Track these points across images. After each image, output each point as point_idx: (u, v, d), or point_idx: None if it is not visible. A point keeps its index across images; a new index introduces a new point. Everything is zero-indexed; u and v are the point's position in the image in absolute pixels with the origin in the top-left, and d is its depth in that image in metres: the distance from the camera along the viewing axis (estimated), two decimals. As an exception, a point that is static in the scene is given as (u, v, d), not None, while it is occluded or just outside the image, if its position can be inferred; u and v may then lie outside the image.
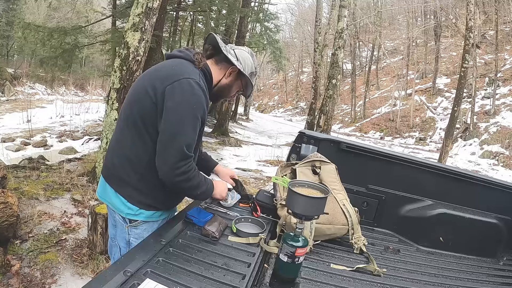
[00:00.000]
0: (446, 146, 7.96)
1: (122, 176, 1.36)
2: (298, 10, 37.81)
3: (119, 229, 1.45)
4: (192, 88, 1.25)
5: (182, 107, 1.24)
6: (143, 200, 1.37)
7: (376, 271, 1.45)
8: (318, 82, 12.12)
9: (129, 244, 1.42)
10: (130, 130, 1.33)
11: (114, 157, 1.40)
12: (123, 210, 1.38)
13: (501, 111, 13.88)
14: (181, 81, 1.25)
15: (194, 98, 1.25)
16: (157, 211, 1.41)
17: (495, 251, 2.07)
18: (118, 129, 1.42)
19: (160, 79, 1.28)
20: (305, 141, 2.18)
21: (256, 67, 1.50)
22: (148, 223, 1.41)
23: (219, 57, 1.43)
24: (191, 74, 1.28)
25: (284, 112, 30.77)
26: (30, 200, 3.41)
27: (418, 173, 2.11)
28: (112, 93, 3.91)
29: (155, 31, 4.70)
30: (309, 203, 1.27)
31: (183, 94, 1.24)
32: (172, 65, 1.34)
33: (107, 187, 1.41)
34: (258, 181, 5.90)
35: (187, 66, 1.33)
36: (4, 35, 17.78)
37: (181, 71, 1.29)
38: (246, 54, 1.47)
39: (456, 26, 17.97)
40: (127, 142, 1.34)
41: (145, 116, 1.29)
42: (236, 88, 1.50)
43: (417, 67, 20.67)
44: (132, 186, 1.35)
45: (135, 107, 1.32)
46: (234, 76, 1.45)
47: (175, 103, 1.24)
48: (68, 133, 9.04)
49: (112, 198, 1.39)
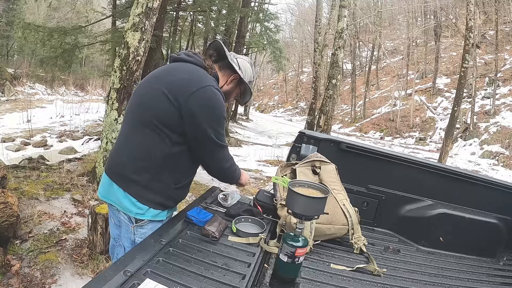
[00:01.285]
0: (446, 146, 7.96)
1: (132, 175, 1.35)
2: (298, 10, 37.85)
3: (124, 229, 1.44)
4: (215, 95, 1.33)
5: (211, 112, 1.33)
6: (153, 198, 1.38)
7: (376, 271, 1.45)
8: (318, 82, 12.13)
9: (134, 244, 1.41)
10: (143, 130, 1.33)
11: (123, 157, 1.39)
12: (132, 210, 1.37)
13: (501, 111, 13.88)
14: (205, 89, 1.31)
15: (218, 103, 1.34)
16: (163, 210, 1.43)
17: (495, 251, 2.07)
18: (127, 129, 1.42)
19: (180, 85, 1.31)
20: (305, 141, 2.18)
21: (254, 76, 1.59)
22: (153, 223, 1.41)
23: (223, 63, 1.49)
24: (210, 82, 1.35)
25: (284, 112, 30.77)
26: (30, 200, 3.41)
27: (418, 173, 2.11)
28: (112, 93, 3.91)
29: (155, 31, 4.69)
30: (309, 203, 1.27)
31: (209, 101, 1.32)
32: (189, 71, 1.36)
33: (113, 187, 1.39)
34: (258, 181, 5.90)
35: (203, 73, 1.39)
36: (4, 35, 17.77)
37: (200, 79, 1.34)
38: (247, 64, 1.54)
39: (456, 26, 17.98)
40: (138, 142, 1.35)
41: (164, 119, 1.31)
42: (234, 94, 1.58)
43: (417, 67, 20.68)
44: (142, 185, 1.35)
45: (151, 109, 1.33)
46: (234, 83, 1.52)
47: (203, 110, 1.31)
48: (68, 133, 9.04)
49: (120, 198, 1.38)
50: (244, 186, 1.69)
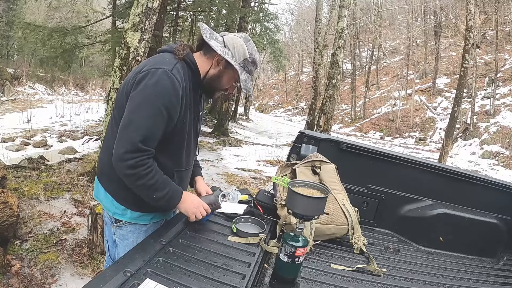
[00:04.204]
0: (446, 146, 7.96)
1: (109, 172, 1.30)
2: (298, 10, 37.82)
3: (108, 228, 1.43)
4: (158, 77, 1.17)
5: (142, 96, 1.17)
6: (129, 198, 1.30)
7: (376, 271, 1.45)
8: (318, 82, 12.12)
9: (115, 245, 1.40)
10: (112, 126, 1.30)
11: (103, 154, 1.36)
12: (110, 209, 1.36)
13: (501, 111, 13.88)
14: (150, 71, 1.19)
15: (157, 88, 1.16)
16: (144, 213, 1.36)
17: (495, 251, 2.07)
18: (107, 128, 1.38)
19: (135, 72, 1.25)
20: (305, 141, 2.18)
21: (252, 53, 1.32)
22: (134, 225, 1.36)
23: (206, 46, 1.30)
24: (163, 64, 1.21)
25: (284, 112, 30.77)
26: (30, 200, 3.41)
27: (418, 173, 2.11)
28: (112, 93, 3.91)
29: (155, 31, 4.69)
30: (309, 203, 1.27)
31: (147, 83, 1.17)
32: (150, 58, 1.30)
33: (99, 186, 1.39)
34: (258, 181, 5.90)
35: (164, 57, 1.27)
36: (4, 35, 17.77)
37: (154, 62, 1.23)
38: (237, 39, 1.31)
39: (456, 26, 17.97)
40: (112, 139, 1.27)
41: (119, 110, 1.26)
42: (228, 79, 1.34)
43: (417, 67, 20.67)
44: (118, 183, 1.28)
45: (115, 106, 1.30)
46: (223, 65, 1.30)
47: (136, 92, 1.19)
48: (68, 133, 9.04)
49: (102, 195, 1.37)
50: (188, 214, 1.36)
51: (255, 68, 1.36)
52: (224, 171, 6.27)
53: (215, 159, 7.18)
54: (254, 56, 1.33)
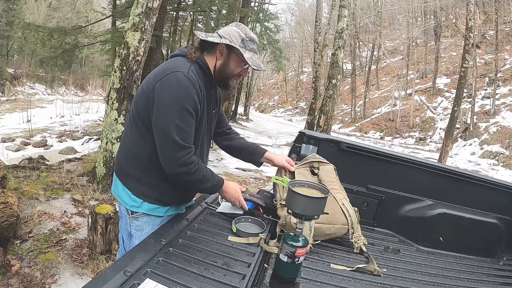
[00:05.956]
0: (446, 146, 7.96)
1: (128, 170, 1.44)
2: (298, 10, 37.85)
3: (123, 221, 1.52)
4: (178, 80, 1.27)
5: (169, 100, 1.27)
6: (147, 192, 1.42)
7: (376, 271, 1.44)
8: (318, 82, 12.13)
9: (130, 236, 1.48)
10: (132, 127, 1.41)
11: (121, 153, 1.49)
12: (128, 202, 1.44)
13: (501, 111, 13.88)
14: (168, 76, 1.29)
15: (180, 90, 1.27)
16: (161, 205, 1.45)
17: (495, 251, 2.07)
18: (125, 127, 1.52)
19: (153, 76, 1.34)
20: (305, 141, 2.18)
21: (247, 33, 1.39)
22: (149, 217, 1.45)
23: (207, 45, 1.41)
24: (179, 68, 1.31)
25: (284, 112, 30.77)
26: (30, 200, 3.41)
27: (418, 173, 2.11)
28: (112, 93, 3.91)
29: (155, 31, 4.69)
30: (309, 203, 1.27)
31: (170, 87, 1.27)
32: (166, 62, 1.40)
33: (116, 182, 1.49)
34: (258, 181, 5.90)
35: (178, 61, 1.37)
36: (4, 35, 17.79)
37: (170, 66, 1.33)
38: (229, 27, 1.41)
39: (456, 26, 17.97)
40: (130, 139, 1.43)
41: (141, 112, 1.36)
42: (235, 63, 1.40)
43: (417, 67, 20.67)
44: (136, 179, 1.42)
45: (135, 105, 1.40)
46: (225, 53, 1.39)
47: (162, 97, 1.28)
48: (68, 133, 9.04)
49: (120, 191, 1.47)
50: (231, 200, 1.53)
51: (256, 46, 1.42)
52: (224, 171, 6.27)
53: (215, 159, 7.18)
54: (250, 35, 1.40)
